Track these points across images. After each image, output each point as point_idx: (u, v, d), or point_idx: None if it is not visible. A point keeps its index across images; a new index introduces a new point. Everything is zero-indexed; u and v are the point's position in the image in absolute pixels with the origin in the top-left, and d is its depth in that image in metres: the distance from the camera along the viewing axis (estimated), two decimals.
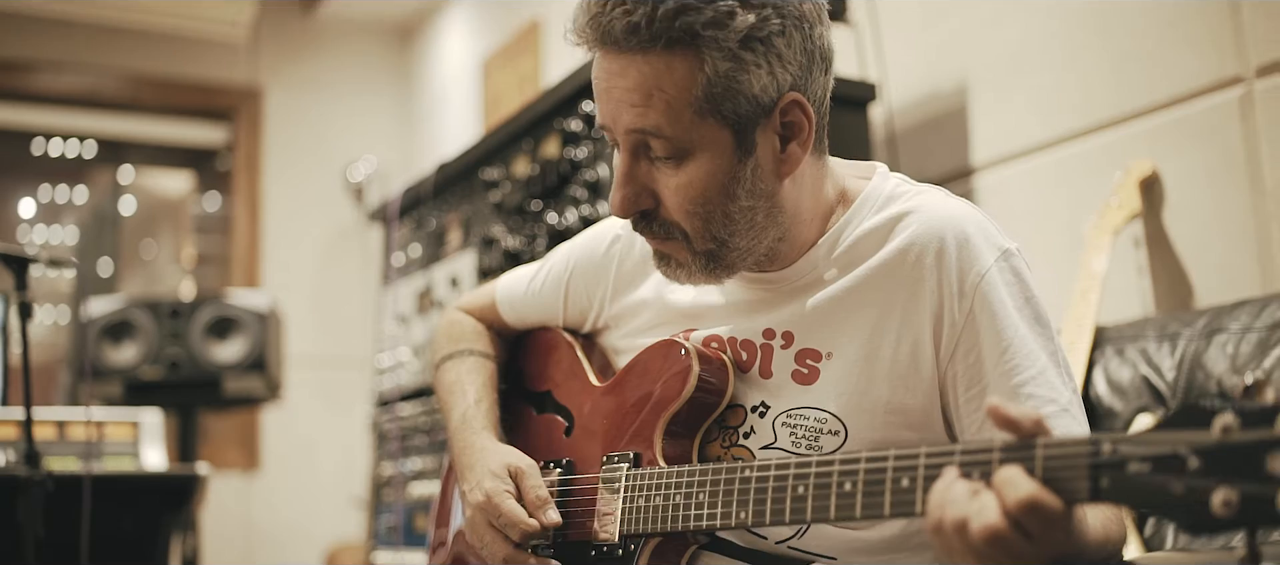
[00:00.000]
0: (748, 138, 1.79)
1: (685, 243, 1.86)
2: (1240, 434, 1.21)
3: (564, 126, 3.93)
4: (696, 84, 1.74)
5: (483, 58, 6.87)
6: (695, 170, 1.79)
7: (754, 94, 1.75)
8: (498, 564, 1.99)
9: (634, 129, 1.79)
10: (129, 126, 7.81)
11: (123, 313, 5.23)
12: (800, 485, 1.63)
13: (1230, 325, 2.66)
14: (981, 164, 3.72)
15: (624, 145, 1.83)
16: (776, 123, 1.80)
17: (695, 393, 1.90)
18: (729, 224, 1.83)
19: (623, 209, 1.86)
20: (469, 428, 2.16)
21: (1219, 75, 3.05)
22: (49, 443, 3.86)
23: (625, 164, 1.84)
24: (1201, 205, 3.09)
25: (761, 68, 1.74)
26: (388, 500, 5.02)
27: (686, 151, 1.79)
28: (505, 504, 1.96)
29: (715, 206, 1.81)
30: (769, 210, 1.85)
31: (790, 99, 1.79)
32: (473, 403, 2.21)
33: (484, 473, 2.03)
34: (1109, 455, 1.30)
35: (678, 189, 1.81)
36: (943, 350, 1.81)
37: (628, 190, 1.84)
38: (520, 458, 2.05)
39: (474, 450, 2.11)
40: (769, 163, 1.82)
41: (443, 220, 4.91)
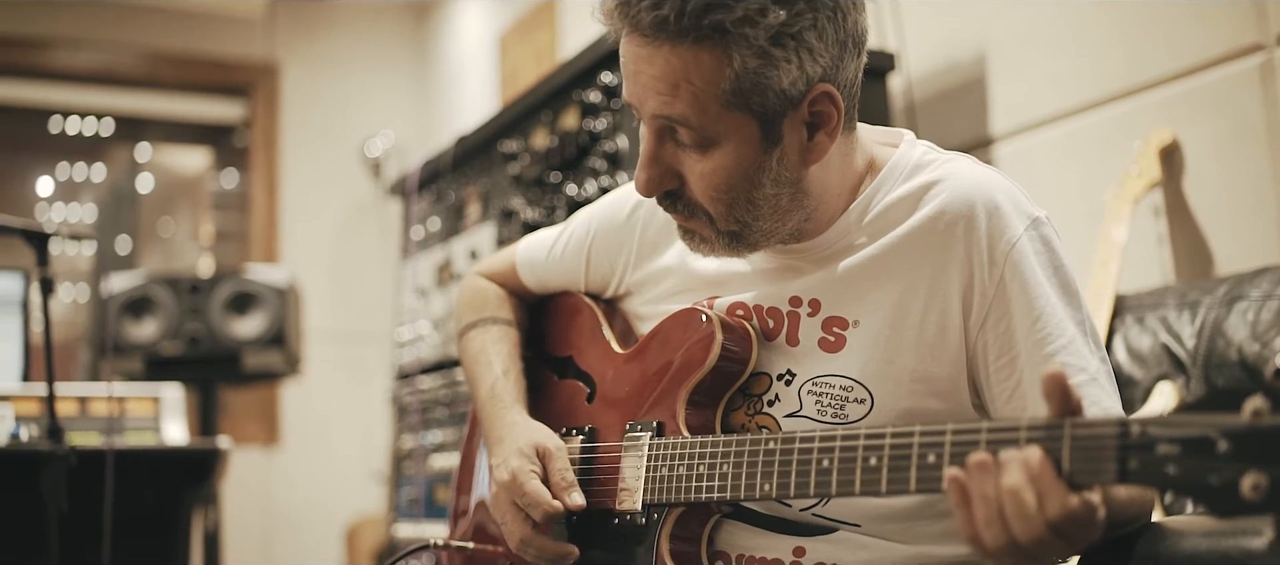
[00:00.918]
0: (774, 129, 1.78)
1: (709, 223, 1.86)
2: (1271, 418, 1.20)
3: (583, 98, 3.93)
4: (724, 78, 1.72)
5: (499, 32, 6.86)
6: (720, 158, 1.79)
7: (782, 88, 1.74)
8: (516, 542, 2.00)
9: (660, 115, 1.78)
10: (146, 104, 7.83)
11: (143, 289, 5.24)
12: (825, 458, 1.63)
13: (1251, 292, 2.66)
14: (1001, 134, 3.71)
15: (649, 128, 1.83)
16: (804, 113, 1.78)
17: (718, 361, 1.89)
18: (753, 209, 1.82)
19: (647, 189, 1.86)
20: (498, 401, 2.16)
21: (1239, 43, 3.04)
22: (71, 418, 3.88)
23: (650, 146, 1.83)
24: (1221, 173, 3.08)
25: (791, 63, 1.72)
26: (408, 473, 5.04)
27: (712, 141, 1.78)
28: (530, 484, 1.97)
29: (739, 193, 1.81)
30: (794, 195, 1.84)
31: (820, 91, 1.77)
32: (500, 374, 2.21)
33: (511, 450, 2.03)
34: (1137, 437, 1.30)
35: (702, 175, 1.80)
36: (973, 319, 1.80)
37: (652, 172, 1.84)
38: (548, 437, 2.05)
39: (503, 424, 2.11)
40: (795, 152, 1.81)
41: (461, 193, 4.91)
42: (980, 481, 1.41)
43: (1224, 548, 1.50)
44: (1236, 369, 2.60)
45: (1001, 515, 1.38)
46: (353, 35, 7.90)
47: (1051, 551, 1.40)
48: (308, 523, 7.28)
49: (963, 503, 1.43)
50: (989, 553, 1.42)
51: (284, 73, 7.72)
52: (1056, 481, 1.36)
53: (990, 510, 1.40)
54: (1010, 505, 1.37)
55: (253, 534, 7.14)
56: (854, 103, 1.86)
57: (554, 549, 1.97)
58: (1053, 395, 1.39)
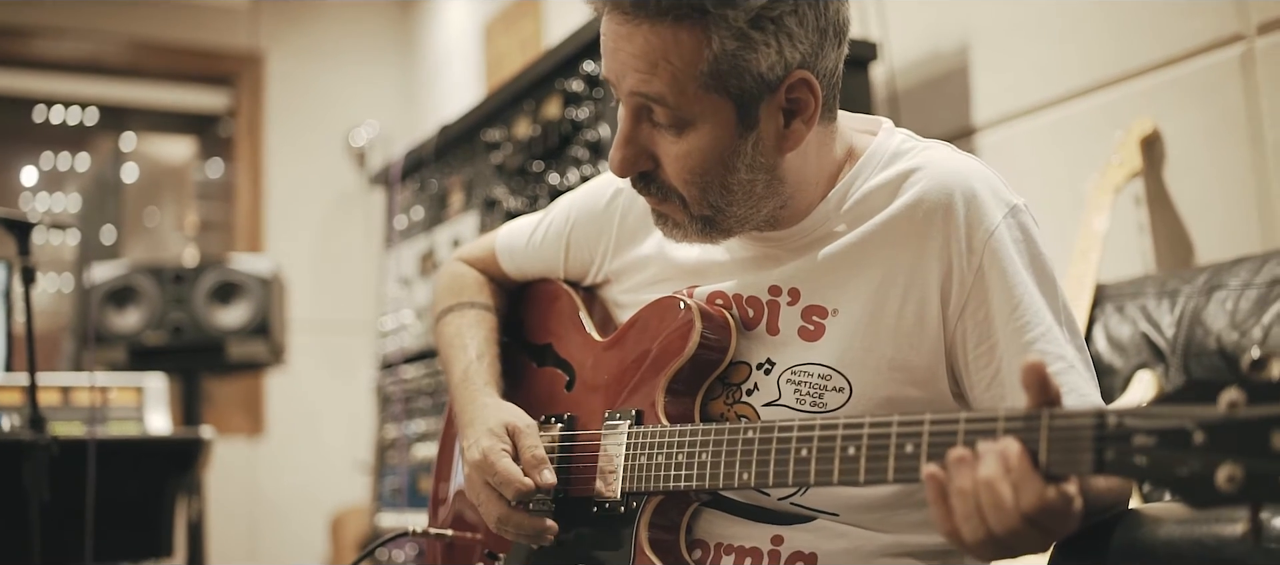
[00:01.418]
0: (751, 113, 1.78)
1: (682, 206, 1.86)
2: (1247, 409, 1.20)
3: (565, 87, 3.93)
4: (702, 59, 1.72)
5: (484, 22, 6.85)
6: (696, 140, 1.79)
7: (760, 72, 1.74)
8: (493, 522, 2.00)
9: (637, 92, 1.78)
10: (131, 93, 7.81)
11: (126, 278, 5.24)
12: (804, 448, 1.63)
13: (1230, 282, 2.66)
14: (983, 124, 3.72)
15: (626, 107, 1.83)
16: (782, 99, 1.78)
17: (697, 350, 1.89)
18: (727, 194, 1.82)
19: (621, 169, 1.86)
20: (471, 384, 2.16)
21: (1220, 33, 3.04)
22: (54, 408, 3.87)
23: (627, 126, 1.83)
24: (1202, 163, 3.09)
25: (770, 47, 1.73)
26: (392, 462, 5.04)
27: (688, 122, 1.78)
28: (501, 462, 1.96)
29: (713, 177, 1.81)
30: (769, 182, 1.84)
31: (798, 77, 1.77)
32: (474, 358, 2.20)
33: (482, 431, 2.03)
34: (1114, 428, 1.30)
35: (677, 157, 1.80)
36: (951, 307, 1.80)
37: (627, 152, 1.84)
38: (519, 416, 2.05)
39: (474, 406, 2.10)
40: (771, 138, 1.81)
41: (445, 182, 4.91)
42: (957, 475, 1.41)
43: (1199, 535, 1.51)
44: (1215, 358, 2.61)
45: (978, 508, 1.39)
46: (338, 25, 7.88)
47: (1029, 543, 1.41)
48: (293, 513, 7.27)
49: (940, 498, 1.43)
50: (967, 546, 1.42)
51: (269, 62, 7.70)
52: (1032, 473, 1.36)
53: (968, 504, 1.40)
54: (986, 497, 1.38)
55: (238, 524, 7.14)
56: (833, 92, 1.86)
57: (532, 525, 1.96)
58: (1031, 385, 1.40)
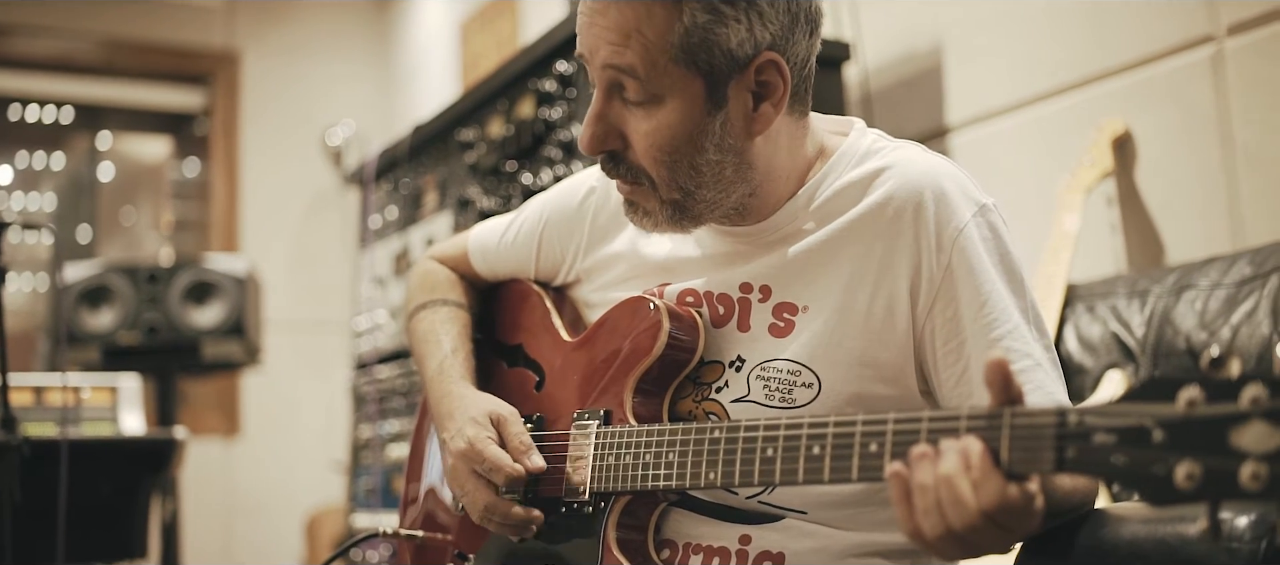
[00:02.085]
0: (720, 91, 1.79)
1: (651, 189, 1.86)
2: (1205, 408, 1.21)
3: (539, 87, 3.93)
4: (674, 31, 1.74)
5: (460, 21, 6.85)
6: (665, 117, 1.80)
7: (730, 48, 1.76)
8: (479, 511, 1.99)
9: (609, 65, 1.80)
10: (106, 92, 7.78)
11: (100, 278, 5.21)
12: (769, 447, 1.64)
13: (1199, 282, 2.68)
14: (956, 124, 3.73)
15: (599, 82, 1.84)
16: (751, 80, 1.80)
17: (665, 350, 1.90)
18: (696, 175, 1.83)
19: (590, 146, 1.86)
20: (446, 377, 2.16)
21: (1190, 34, 3.06)
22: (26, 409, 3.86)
23: (598, 102, 1.84)
24: (1173, 164, 3.11)
25: (740, 23, 1.75)
26: (366, 463, 5.03)
27: (658, 97, 1.79)
28: (489, 450, 1.96)
29: (682, 156, 1.81)
30: (738, 165, 1.85)
31: (767, 58, 1.78)
32: (449, 352, 2.20)
33: (465, 420, 2.02)
34: (1075, 427, 1.31)
35: (646, 134, 1.81)
36: (920, 305, 1.81)
37: (597, 128, 1.85)
38: (501, 405, 2.05)
39: (453, 398, 2.10)
40: (740, 119, 1.82)
41: (419, 182, 4.90)
42: (918, 471, 1.42)
43: (1162, 534, 1.52)
44: (1184, 357, 2.62)
45: (939, 504, 1.39)
46: (313, 23, 7.87)
47: (989, 540, 1.41)
48: (269, 513, 7.26)
49: (903, 496, 1.44)
50: (928, 542, 1.43)
51: (244, 61, 7.69)
52: (993, 471, 1.37)
53: (928, 500, 1.40)
54: (946, 494, 1.38)
55: (214, 525, 7.12)
56: (805, 84, 1.88)
57: (519, 515, 1.96)
58: (994, 382, 1.40)
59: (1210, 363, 1.22)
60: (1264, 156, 2.91)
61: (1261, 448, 1.17)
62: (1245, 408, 1.19)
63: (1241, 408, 1.19)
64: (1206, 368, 1.23)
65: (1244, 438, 1.19)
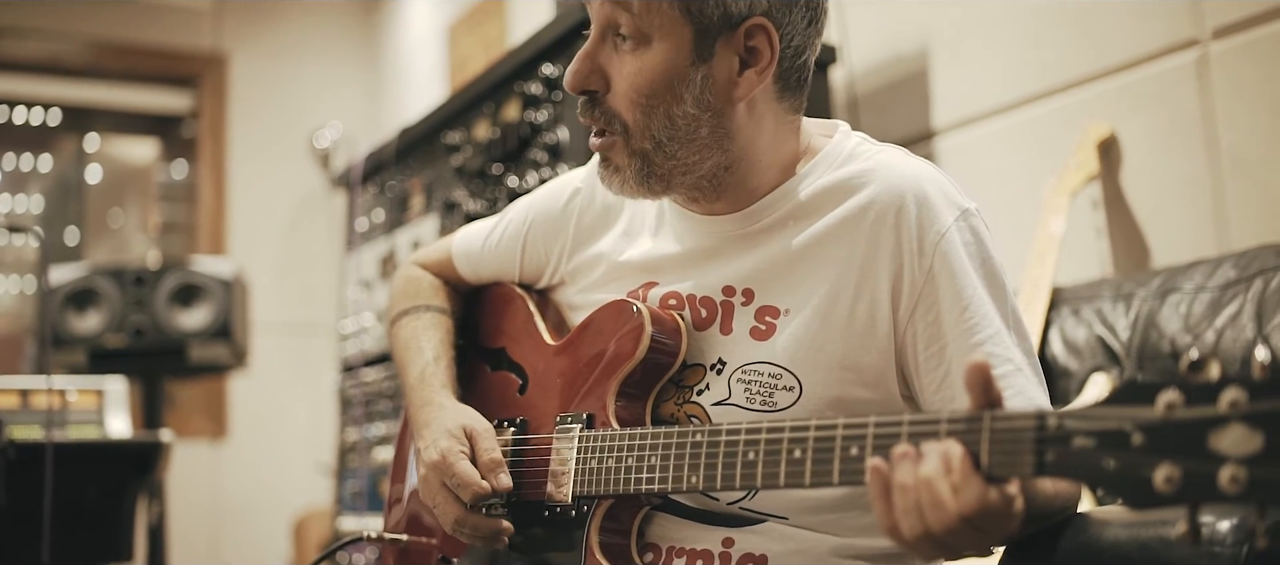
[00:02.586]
0: (708, 44, 1.81)
1: (624, 139, 1.88)
2: (1184, 411, 1.21)
3: (525, 90, 3.92)
4: None
5: (448, 23, 6.85)
6: (650, 59, 1.82)
7: (724, 0, 1.78)
8: (449, 524, 2.00)
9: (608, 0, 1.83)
10: (94, 94, 7.76)
11: (86, 280, 5.20)
12: (751, 451, 1.64)
13: (1184, 285, 2.68)
14: (943, 127, 3.73)
15: (595, 23, 1.87)
16: (740, 43, 1.81)
17: (648, 353, 1.90)
18: (670, 126, 1.84)
19: (572, 81, 1.89)
20: (427, 385, 2.16)
21: (1175, 38, 3.07)
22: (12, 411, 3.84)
23: (591, 42, 1.88)
24: (1158, 167, 3.11)
25: None
26: (353, 466, 5.03)
27: (647, 37, 1.82)
28: (459, 465, 1.97)
29: (659, 102, 1.83)
30: (714, 128, 1.85)
31: (758, 22, 1.80)
32: (430, 360, 2.21)
33: (439, 432, 2.03)
34: (1054, 430, 1.31)
35: (629, 75, 1.84)
36: (902, 309, 1.81)
37: (583, 65, 1.88)
38: (476, 419, 2.05)
39: (431, 407, 2.11)
40: (723, 79, 1.83)
41: (405, 185, 4.90)
42: (899, 471, 1.42)
43: (1144, 538, 1.52)
44: (1169, 361, 2.63)
45: (918, 505, 1.39)
46: (301, 25, 7.86)
47: (968, 543, 1.41)
48: (256, 516, 7.24)
49: (882, 494, 1.44)
50: (906, 542, 1.43)
51: (232, 63, 7.68)
52: (973, 474, 1.37)
53: (907, 500, 1.40)
54: (925, 495, 1.38)
55: (201, 528, 7.11)
56: (796, 72, 1.90)
57: (489, 526, 1.96)
58: (974, 385, 1.41)
59: (1189, 366, 1.23)
60: (1249, 160, 2.91)
61: (1240, 451, 1.18)
62: (1224, 411, 1.19)
63: (1220, 411, 1.19)
64: (1186, 371, 1.23)
65: (1223, 441, 1.19)
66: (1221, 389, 1.20)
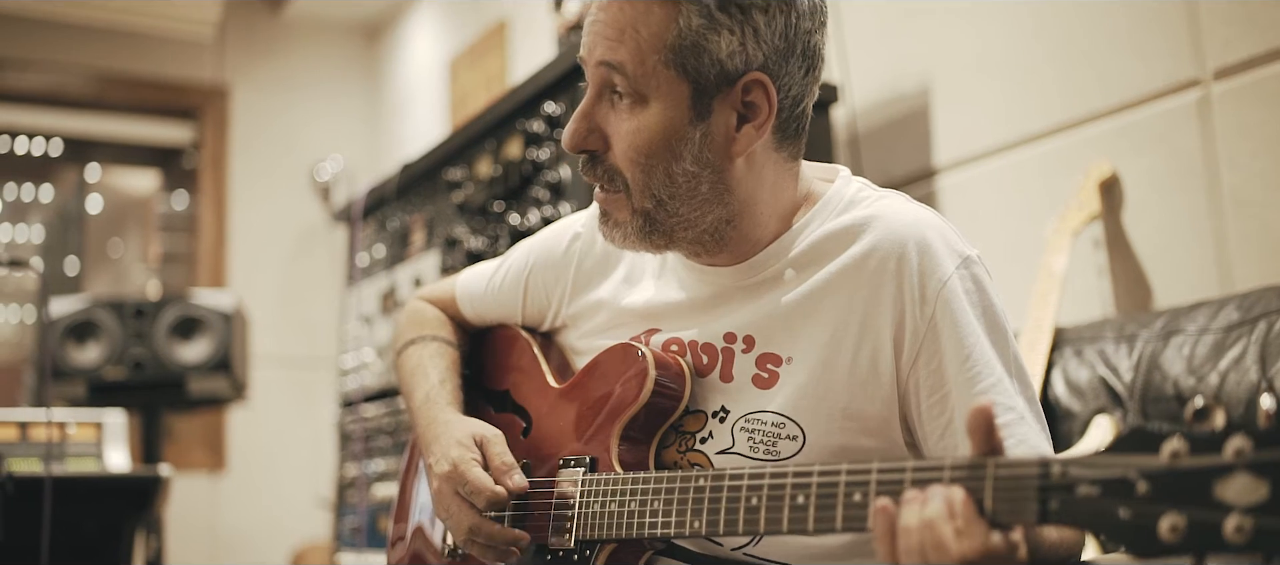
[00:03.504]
0: (705, 102, 1.81)
1: (626, 195, 1.87)
2: (1189, 460, 1.21)
3: (526, 128, 3.93)
4: (669, 32, 1.78)
5: (449, 57, 6.86)
6: (648, 118, 1.82)
7: (720, 58, 1.78)
8: (464, 533, 1.99)
9: (603, 61, 1.83)
10: (95, 125, 7.77)
11: (86, 313, 5.20)
12: (754, 496, 1.63)
13: (1187, 327, 2.68)
14: (944, 165, 3.73)
15: (591, 80, 1.87)
16: (737, 98, 1.81)
17: (652, 397, 1.89)
18: (670, 184, 1.84)
19: (571, 141, 1.89)
20: (433, 404, 2.16)
21: (1177, 78, 3.07)
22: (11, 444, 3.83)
23: (587, 101, 1.87)
24: (1160, 207, 3.11)
25: (734, 35, 1.77)
26: (351, 502, 5.01)
27: (645, 96, 1.81)
28: (471, 471, 1.96)
29: (658, 161, 1.83)
30: (715, 184, 1.85)
31: (755, 77, 1.80)
32: (436, 383, 2.21)
33: (449, 443, 2.03)
34: (1058, 478, 1.31)
35: (628, 134, 1.83)
36: (904, 357, 1.81)
37: (581, 125, 1.88)
38: (485, 427, 2.05)
39: (438, 424, 2.10)
40: (721, 135, 1.83)
41: (406, 221, 4.90)
42: (905, 512, 1.42)
43: None
44: (1172, 403, 2.62)
45: (921, 547, 1.39)
46: (303, 58, 7.87)
47: None
48: (254, 549, 7.22)
49: (887, 533, 1.43)
50: None
51: (234, 95, 7.69)
52: (977, 519, 1.36)
53: (911, 541, 1.40)
54: (928, 537, 1.38)
55: (199, 561, 7.07)
56: (795, 121, 1.89)
57: (504, 535, 1.96)
58: (976, 430, 1.40)
59: (1194, 414, 1.22)
60: (1251, 201, 2.91)
61: (1246, 500, 1.17)
62: (1229, 460, 1.19)
63: (1226, 460, 1.19)
64: (1190, 419, 1.23)
65: (1228, 490, 1.18)
66: (1227, 438, 1.19)
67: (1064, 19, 3.37)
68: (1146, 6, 3.16)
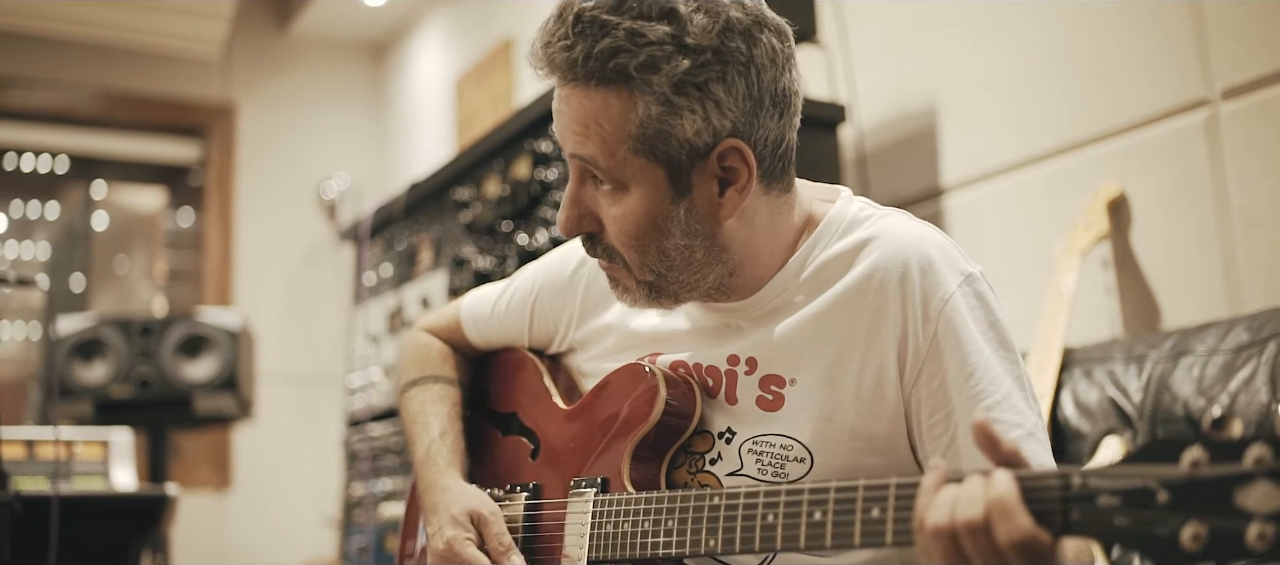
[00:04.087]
0: (683, 180, 1.80)
1: (626, 270, 1.88)
2: (1209, 468, 1.21)
3: (534, 148, 3.93)
4: (630, 123, 1.76)
5: (455, 76, 6.87)
6: (631, 204, 1.81)
7: (687, 138, 1.76)
8: None
9: (576, 155, 1.83)
10: (101, 143, 7.78)
11: (93, 331, 5.20)
12: (770, 514, 1.63)
13: (1196, 347, 2.68)
14: (951, 185, 3.73)
15: (572, 168, 1.87)
16: (715, 167, 1.80)
17: (663, 416, 1.89)
18: (665, 260, 1.84)
19: (565, 228, 1.89)
20: (433, 465, 2.15)
21: (1184, 98, 3.07)
22: (18, 462, 3.84)
23: (572, 186, 1.87)
24: (1168, 227, 3.11)
25: (696, 113, 1.75)
26: (358, 521, 5.01)
27: (623, 185, 1.81)
28: (466, 551, 1.96)
29: (650, 242, 1.83)
30: (709, 249, 1.85)
31: (729, 145, 1.78)
32: (437, 436, 2.20)
33: (446, 519, 2.03)
34: (1079, 488, 1.30)
35: (615, 219, 1.83)
36: (907, 375, 1.80)
37: (572, 212, 1.88)
38: (483, 503, 2.04)
39: (437, 490, 2.10)
40: (706, 205, 1.82)
41: (414, 240, 4.90)
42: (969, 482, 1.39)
43: None
44: (1182, 424, 2.62)
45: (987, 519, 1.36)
46: (309, 77, 7.88)
47: None
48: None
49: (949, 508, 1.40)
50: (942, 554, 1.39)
51: (240, 114, 7.69)
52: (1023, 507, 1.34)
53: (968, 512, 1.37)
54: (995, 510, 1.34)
55: None
56: (779, 161, 1.87)
57: None
58: (984, 443, 1.39)
59: (1212, 424, 1.23)
60: (1260, 221, 2.91)
61: (1267, 507, 1.17)
62: (1250, 468, 1.19)
63: (1246, 467, 1.19)
64: (1209, 429, 1.23)
65: (1249, 498, 1.19)
66: (1246, 446, 1.20)
67: (1072, 38, 3.37)
68: (1154, 26, 3.16)
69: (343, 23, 7.68)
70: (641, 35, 1.73)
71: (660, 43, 1.73)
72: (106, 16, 6.95)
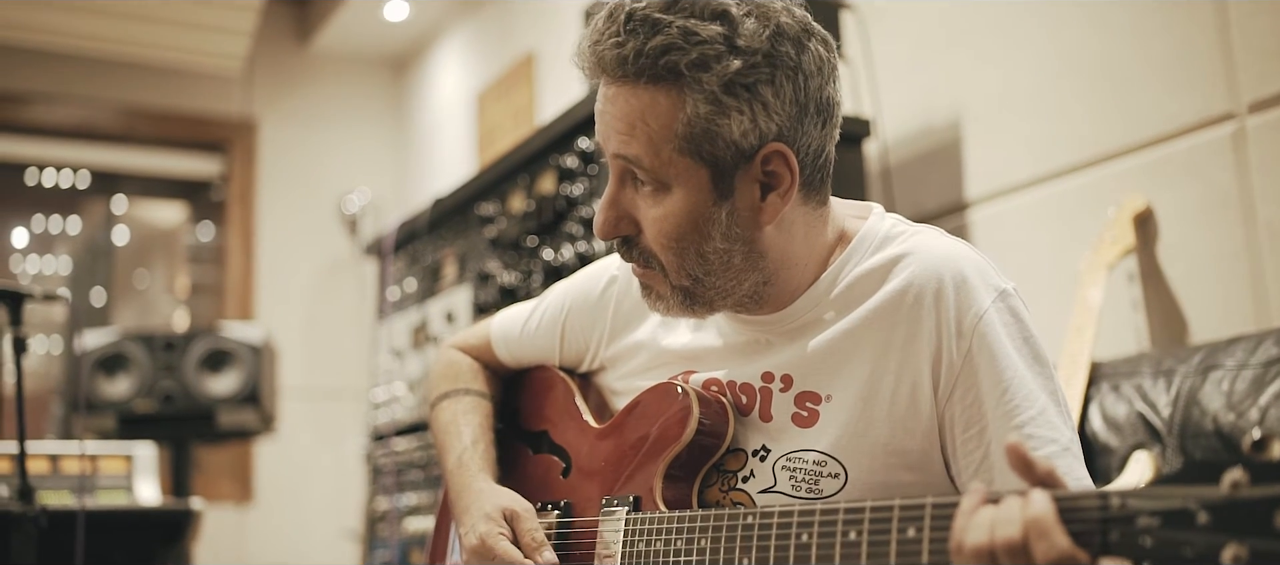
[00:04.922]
0: (726, 182, 1.80)
1: (663, 275, 1.88)
2: (1249, 489, 1.20)
3: (560, 163, 3.93)
4: (677, 121, 1.76)
5: (477, 90, 6.88)
6: (672, 205, 1.81)
7: (733, 139, 1.77)
8: None
9: (619, 155, 1.83)
10: (123, 158, 7.80)
11: (116, 346, 5.22)
12: (804, 533, 1.62)
13: (1225, 362, 2.66)
14: (976, 199, 3.73)
15: (612, 170, 1.87)
16: (757, 171, 1.80)
17: (696, 436, 1.89)
18: (703, 263, 1.84)
19: (602, 231, 1.89)
20: (465, 470, 2.16)
21: (1211, 111, 3.07)
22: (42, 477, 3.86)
23: (611, 189, 1.87)
24: (1195, 241, 3.10)
25: (743, 114, 1.76)
26: (382, 536, 5.01)
27: (665, 185, 1.81)
28: (500, 546, 1.96)
29: (689, 244, 1.83)
30: (748, 254, 1.85)
31: (773, 149, 1.79)
32: (469, 444, 2.20)
33: (479, 516, 2.02)
34: (1118, 510, 1.29)
35: (655, 221, 1.83)
36: (941, 391, 1.80)
37: (609, 214, 1.88)
38: (516, 500, 2.05)
39: (470, 493, 2.10)
40: (747, 209, 1.83)
41: (438, 255, 4.91)
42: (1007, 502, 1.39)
43: None
44: (1212, 439, 2.60)
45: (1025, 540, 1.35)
46: (330, 92, 7.90)
47: None
48: None
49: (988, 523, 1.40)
50: None
51: (261, 129, 7.71)
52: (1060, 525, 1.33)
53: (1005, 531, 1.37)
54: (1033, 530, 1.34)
55: None
56: (819, 173, 1.88)
57: None
58: (1019, 467, 1.38)
59: (1253, 445, 1.22)
60: None
61: None
62: None
63: None
64: (1249, 450, 1.22)
65: None
66: None
67: (1097, 52, 3.37)
68: (1180, 40, 3.15)
69: (363, 38, 7.70)
70: (694, 33, 1.74)
71: (712, 42, 1.74)
72: (128, 33, 6.96)
